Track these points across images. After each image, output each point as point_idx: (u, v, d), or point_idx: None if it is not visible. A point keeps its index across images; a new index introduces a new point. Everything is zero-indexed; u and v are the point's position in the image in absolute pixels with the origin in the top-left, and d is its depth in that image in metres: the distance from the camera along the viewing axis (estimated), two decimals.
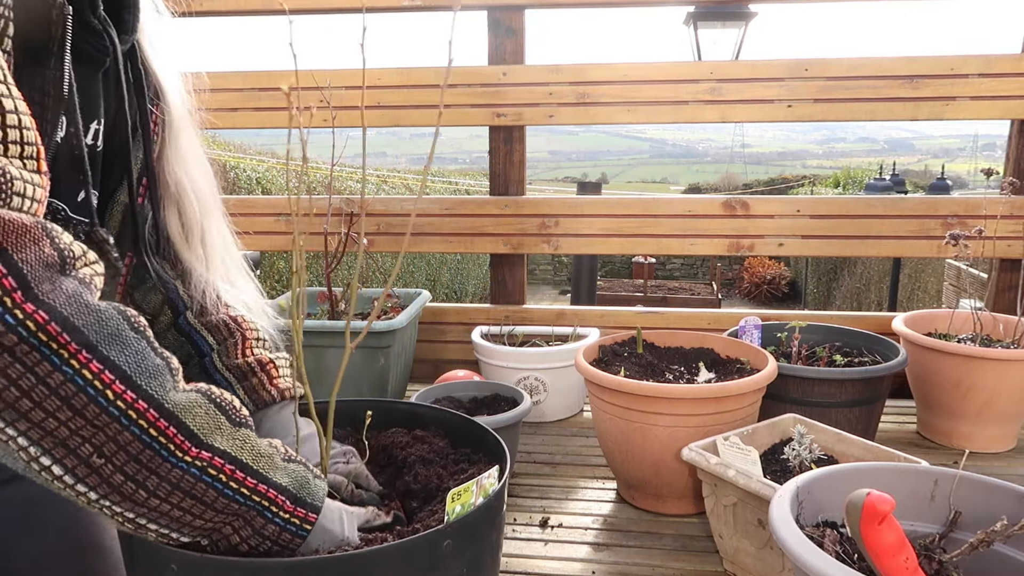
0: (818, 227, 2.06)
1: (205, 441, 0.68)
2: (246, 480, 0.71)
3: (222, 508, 0.70)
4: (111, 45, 0.84)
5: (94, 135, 0.85)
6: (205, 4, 2.12)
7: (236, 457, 0.71)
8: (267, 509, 0.73)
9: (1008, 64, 1.94)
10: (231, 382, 0.99)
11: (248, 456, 0.72)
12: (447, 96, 2.11)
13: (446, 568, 0.76)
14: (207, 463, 0.68)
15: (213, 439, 0.69)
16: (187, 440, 0.67)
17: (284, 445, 0.79)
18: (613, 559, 1.29)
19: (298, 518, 0.75)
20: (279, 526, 0.73)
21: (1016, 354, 1.61)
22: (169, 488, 0.66)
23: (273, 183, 8.10)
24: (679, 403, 1.35)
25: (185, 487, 0.67)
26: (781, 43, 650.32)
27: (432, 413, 1.10)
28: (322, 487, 0.78)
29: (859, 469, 0.96)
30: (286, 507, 0.74)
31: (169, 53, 0.98)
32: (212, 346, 1.01)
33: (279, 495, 0.73)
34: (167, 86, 0.96)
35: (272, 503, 0.73)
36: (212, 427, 0.70)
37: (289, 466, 0.76)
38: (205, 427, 0.69)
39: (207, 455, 0.68)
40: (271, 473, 0.73)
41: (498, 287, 2.26)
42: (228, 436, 0.71)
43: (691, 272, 14.22)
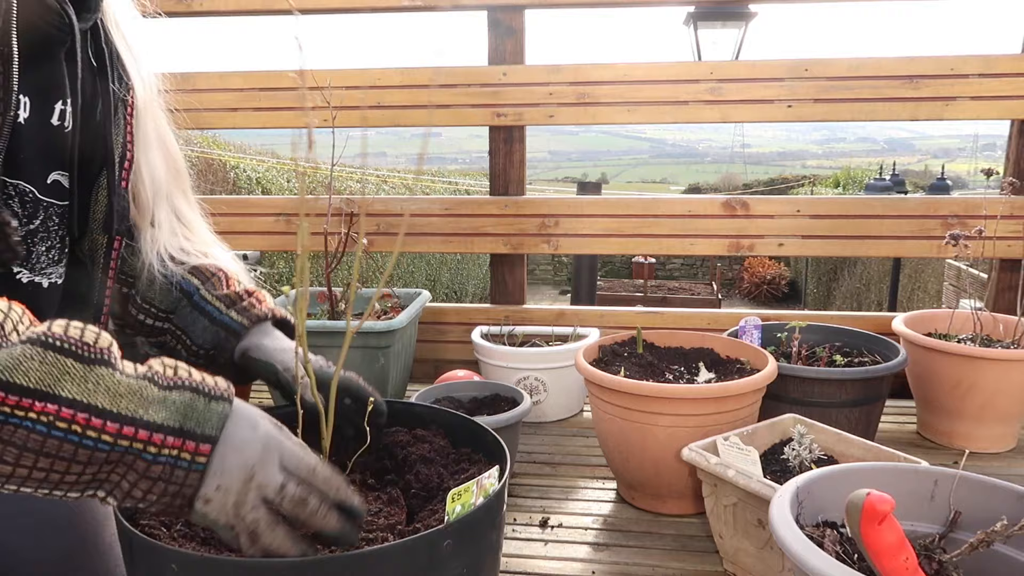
0: (818, 227, 2.06)
1: (50, 392, 0.63)
2: (106, 425, 0.65)
3: (87, 459, 0.64)
4: (69, 23, 0.84)
5: (60, 115, 0.84)
6: (205, 4, 2.11)
7: (88, 403, 0.65)
8: (143, 451, 0.66)
9: (1008, 64, 1.94)
10: (220, 308, 1.03)
11: (104, 399, 0.66)
12: (447, 96, 2.11)
13: (446, 568, 0.76)
14: (53, 416, 0.63)
15: (59, 388, 0.64)
16: (24, 397, 0.62)
17: (172, 369, 0.72)
18: (613, 559, 1.29)
19: (188, 452, 0.68)
20: (164, 464, 0.67)
21: (1016, 354, 1.61)
22: (16, 451, 0.62)
23: (273, 183, 8.10)
24: (679, 403, 1.35)
25: (33, 447, 0.63)
26: (781, 43, 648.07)
27: (432, 413, 1.10)
28: (216, 410, 0.70)
29: (859, 469, 0.96)
30: (167, 443, 0.67)
31: (135, 34, 0.98)
32: (197, 286, 1.06)
33: (154, 433, 0.67)
34: (131, 68, 0.97)
35: (148, 443, 0.66)
36: (55, 375, 0.64)
37: (170, 395, 0.69)
38: (46, 377, 0.64)
39: (52, 407, 0.63)
40: (138, 411, 0.67)
41: (498, 287, 2.26)
42: (78, 381, 0.65)
43: (691, 272, 14.22)
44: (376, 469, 0.99)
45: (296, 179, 7.98)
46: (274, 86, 2.15)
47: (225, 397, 0.72)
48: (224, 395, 0.72)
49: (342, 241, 1.95)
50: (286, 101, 2.17)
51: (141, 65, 0.98)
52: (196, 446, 0.68)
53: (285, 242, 2.25)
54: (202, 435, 0.69)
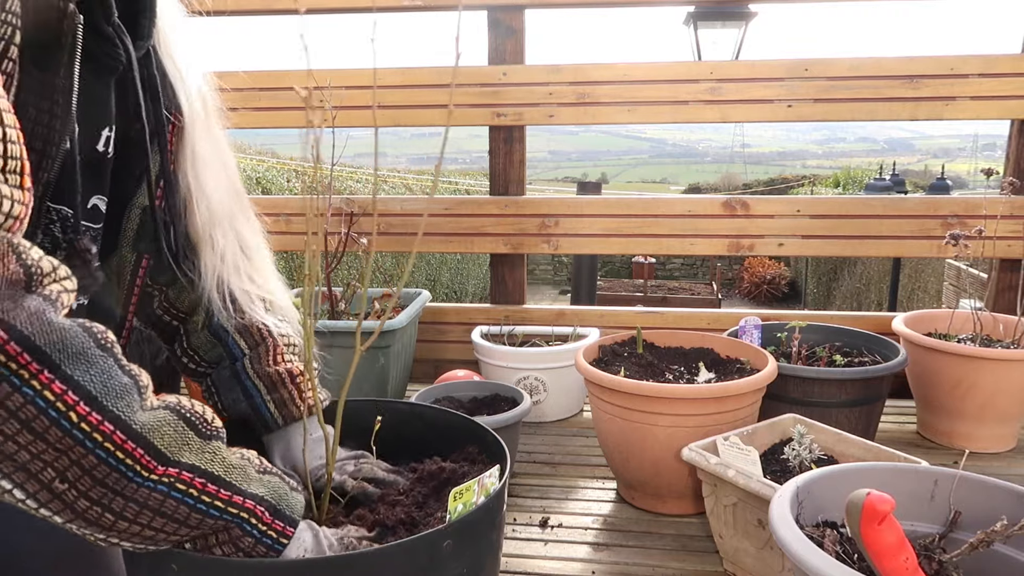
0: (818, 227, 2.06)
1: (172, 458, 0.67)
2: (219, 492, 0.69)
3: (196, 524, 0.69)
4: (125, 52, 0.83)
5: (105, 142, 0.84)
6: (205, 4, 2.11)
7: (206, 470, 0.69)
8: (246, 521, 0.71)
9: (1008, 64, 1.94)
10: (260, 391, 0.99)
11: (219, 468, 0.70)
12: (446, 96, 2.11)
13: (446, 568, 0.76)
14: (174, 479, 0.67)
15: (181, 455, 0.68)
16: (153, 459, 0.65)
17: (259, 457, 0.77)
18: (613, 559, 1.29)
19: (275, 531, 0.73)
20: (255, 539, 0.72)
21: (1016, 354, 1.61)
22: (137, 508, 0.65)
23: (273, 183, 8.10)
24: (679, 403, 1.35)
25: (153, 505, 0.66)
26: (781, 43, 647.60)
27: (432, 413, 1.10)
28: (299, 500, 0.77)
29: (859, 469, 0.96)
30: (264, 519, 0.73)
31: (187, 56, 0.97)
32: (244, 351, 1.01)
33: (257, 506, 0.72)
34: (183, 90, 0.95)
35: (251, 514, 0.72)
36: (180, 443, 0.68)
37: (264, 478, 0.75)
38: (173, 444, 0.67)
39: (174, 471, 0.67)
40: (245, 484, 0.72)
41: (498, 287, 2.26)
42: (197, 451, 0.69)
43: (691, 272, 14.21)
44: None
45: (298, 179, 7.98)
46: (275, 86, 2.15)
47: (301, 491, 0.79)
48: (300, 488, 0.79)
49: (342, 241, 1.96)
50: (287, 101, 2.17)
51: (189, 84, 0.96)
52: (283, 528, 0.74)
53: (285, 242, 2.25)
54: (288, 518, 0.75)
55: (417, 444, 1.06)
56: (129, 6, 0.86)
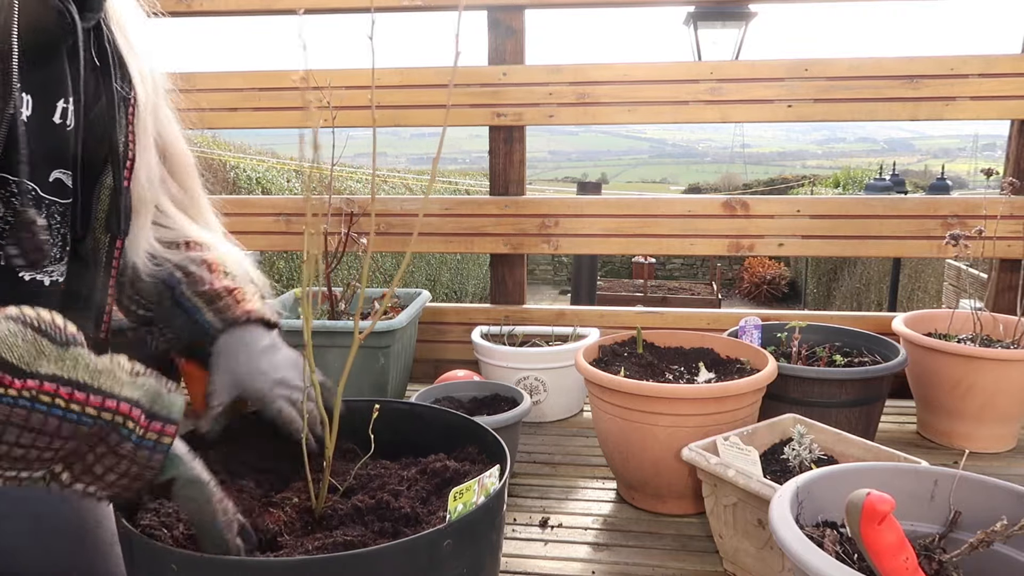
0: (818, 227, 2.06)
1: (29, 370, 0.65)
2: (89, 399, 0.67)
3: (70, 434, 0.66)
4: (72, 22, 0.84)
5: (62, 113, 0.84)
6: (206, 4, 2.12)
7: (69, 378, 0.66)
8: (121, 426, 0.69)
9: (1008, 64, 1.94)
10: (200, 307, 1.01)
11: (83, 374, 0.68)
12: (447, 96, 2.11)
13: (446, 568, 0.76)
14: (36, 391, 0.64)
15: (37, 366, 0.65)
16: (7, 374, 0.63)
17: (130, 361, 0.75)
18: (613, 559, 1.29)
19: (154, 432, 0.71)
20: (134, 444, 0.70)
21: (1016, 354, 1.61)
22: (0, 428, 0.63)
23: (273, 183, 8.10)
24: (679, 403, 1.35)
25: (18, 421, 0.64)
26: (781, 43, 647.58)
27: (432, 413, 1.10)
28: (177, 401, 0.74)
29: (859, 469, 0.96)
30: (140, 422, 0.70)
31: (138, 34, 0.98)
32: (180, 279, 1.04)
33: (133, 408, 0.70)
34: (134, 67, 0.96)
35: (127, 418, 0.69)
36: (34, 353, 0.66)
37: (138, 380, 0.72)
38: (26, 355, 0.65)
39: (34, 383, 0.64)
40: (116, 388, 0.69)
41: (498, 287, 2.26)
42: (55, 359, 0.67)
43: (691, 272, 14.21)
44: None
45: (297, 179, 7.98)
46: (274, 86, 2.15)
47: (180, 392, 0.76)
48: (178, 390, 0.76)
49: (342, 241, 1.96)
50: (286, 101, 2.17)
51: (144, 64, 0.97)
52: (163, 427, 0.72)
53: (285, 242, 2.25)
54: (167, 417, 0.72)
55: (417, 444, 1.06)
56: None
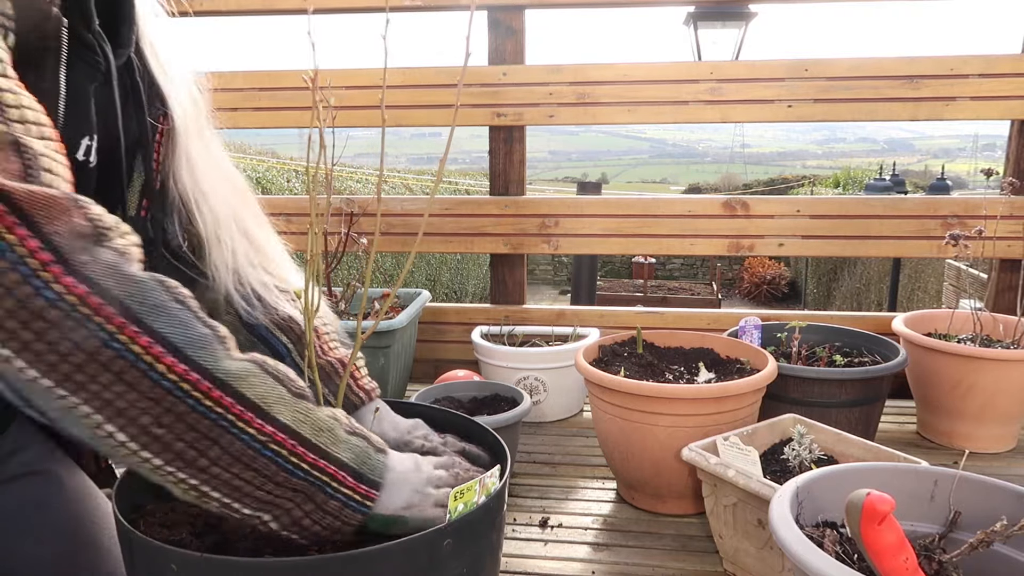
0: (818, 227, 2.06)
1: (269, 413, 0.68)
2: (307, 455, 0.70)
3: (282, 482, 0.69)
4: (105, 60, 0.83)
5: (85, 151, 0.84)
6: (206, 4, 2.12)
7: (297, 431, 0.70)
8: (327, 485, 0.72)
9: (1008, 64, 1.94)
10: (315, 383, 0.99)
11: (309, 430, 0.71)
12: (447, 96, 2.11)
13: (446, 568, 0.76)
14: (269, 437, 0.68)
15: (276, 411, 0.69)
16: (248, 411, 0.67)
17: (347, 417, 0.78)
18: (613, 559, 1.29)
19: (359, 494, 0.74)
20: (341, 502, 0.73)
21: (1016, 354, 1.61)
22: (230, 459, 0.66)
23: (273, 183, 8.10)
24: (679, 403, 1.35)
25: (246, 460, 0.67)
26: (781, 43, 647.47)
27: (432, 413, 1.10)
28: (381, 461, 0.77)
29: (859, 469, 0.96)
30: (347, 483, 0.73)
31: (174, 59, 0.96)
32: (288, 347, 1.00)
33: (339, 471, 0.73)
34: (171, 94, 0.94)
35: (332, 479, 0.72)
36: (273, 397, 0.69)
37: (352, 439, 0.75)
38: (266, 397, 0.69)
39: (270, 429, 0.68)
40: (332, 448, 0.73)
41: (498, 287, 2.26)
42: (290, 407, 0.70)
43: (691, 272, 14.21)
44: None
45: (297, 179, 7.98)
46: (275, 86, 2.15)
47: (385, 450, 0.79)
48: (384, 448, 0.79)
49: (342, 241, 1.96)
50: (287, 101, 2.17)
51: (179, 88, 0.95)
52: (367, 491, 0.75)
53: (285, 242, 2.25)
54: (371, 482, 0.75)
55: None
56: (110, 14, 0.85)
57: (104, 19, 0.83)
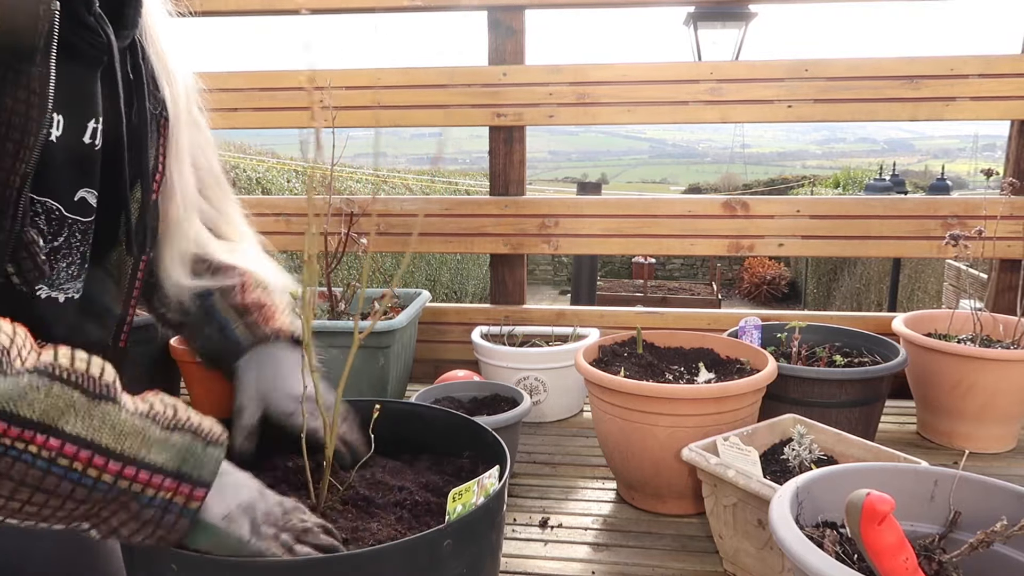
0: (818, 227, 2.06)
1: (53, 426, 0.62)
2: (107, 466, 0.64)
3: (83, 498, 0.64)
4: (108, 42, 0.83)
5: (92, 134, 0.84)
6: (206, 4, 2.11)
7: (92, 441, 0.64)
8: (139, 494, 0.66)
9: (1008, 64, 1.94)
10: (231, 319, 1.01)
11: (108, 437, 0.65)
12: (447, 96, 2.11)
13: (446, 568, 0.76)
14: (55, 452, 0.62)
15: (63, 422, 0.62)
16: (27, 429, 0.61)
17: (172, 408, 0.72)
18: (613, 559, 1.29)
19: (181, 496, 0.68)
20: (158, 507, 0.67)
21: (1016, 354, 1.61)
22: (13, 485, 0.61)
23: (273, 183, 8.10)
24: (679, 403, 1.35)
25: (31, 482, 0.61)
26: (781, 43, 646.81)
27: (432, 413, 1.10)
28: (213, 455, 0.71)
29: (859, 469, 0.96)
30: (165, 485, 0.67)
31: (170, 47, 0.96)
32: (212, 291, 1.03)
33: (154, 475, 0.66)
34: (165, 82, 0.95)
35: (146, 486, 0.66)
36: (59, 409, 0.63)
37: (171, 437, 0.69)
38: (50, 410, 0.62)
39: (55, 443, 0.62)
40: (141, 452, 0.66)
41: (498, 287, 2.26)
42: (83, 416, 0.64)
43: (691, 272, 14.21)
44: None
45: (297, 179, 7.98)
46: (274, 86, 2.15)
47: (220, 443, 0.73)
48: (219, 440, 0.73)
49: (342, 241, 1.96)
50: (287, 101, 2.17)
51: (175, 79, 0.96)
52: (191, 491, 0.69)
53: (285, 242, 2.25)
54: (198, 479, 0.69)
55: (417, 444, 1.06)
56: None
57: (107, 1, 0.83)
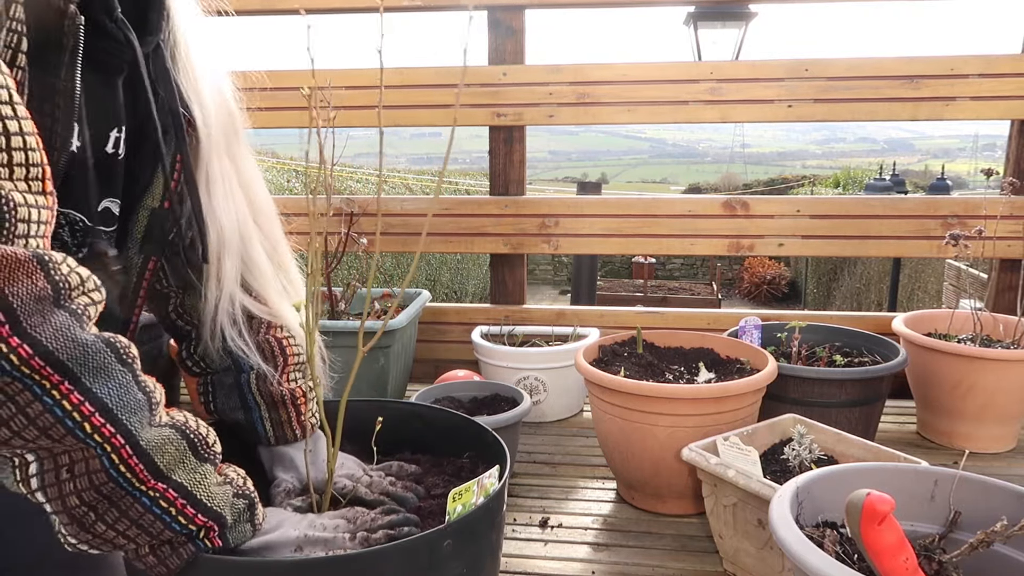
0: (818, 227, 2.06)
1: (166, 474, 0.70)
2: (196, 517, 0.72)
3: (166, 539, 0.71)
4: (130, 50, 0.82)
5: (115, 143, 0.83)
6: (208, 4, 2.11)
7: (190, 492, 0.71)
8: (196, 537, 0.73)
9: (1008, 64, 1.94)
10: (259, 407, 0.98)
11: (203, 494, 0.73)
12: (446, 96, 2.11)
13: (446, 568, 0.77)
14: (160, 494, 0.69)
15: (174, 472, 0.70)
16: (151, 475, 0.69)
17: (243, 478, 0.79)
18: (613, 559, 1.29)
19: (204, 528, 0.74)
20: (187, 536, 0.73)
21: (1016, 354, 1.61)
22: (117, 515, 0.68)
23: (273, 183, 8.09)
24: (679, 403, 1.35)
25: (133, 515, 0.68)
26: (781, 43, 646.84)
27: (432, 413, 1.10)
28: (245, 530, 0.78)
29: (859, 469, 0.96)
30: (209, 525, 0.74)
31: (206, 61, 0.94)
32: (252, 366, 0.99)
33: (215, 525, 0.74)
34: (196, 99, 0.92)
35: (205, 529, 0.74)
36: (177, 461, 0.71)
37: (237, 503, 0.77)
38: (171, 462, 0.70)
39: (162, 487, 0.69)
40: (224, 510, 0.75)
41: (498, 287, 2.26)
42: (190, 470, 0.72)
43: (691, 272, 14.20)
44: None
45: (297, 179, 7.97)
46: (275, 86, 2.14)
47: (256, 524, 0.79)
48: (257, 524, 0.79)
49: (342, 241, 1.96)
50: (286, 101, 2.16)
51: (205, 94, 0.93)
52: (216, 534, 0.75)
53: None
54: (223, 535, 0.75)
55: (417, 444, 1.06)
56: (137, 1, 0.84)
57: (130, 5, 0.82)
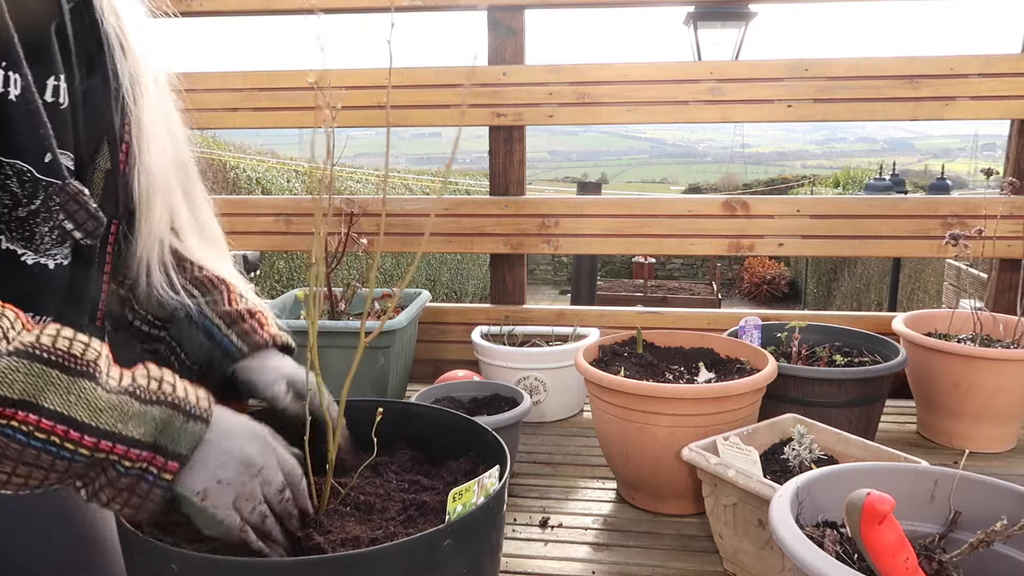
0: (818, 227, 2.06)
1: (33, 403, 0.65)
2: (83, 439, 0.67)
3: (64, 468, 0.67)
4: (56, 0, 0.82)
5: (53, 91, 0.82)
6: (206, 4, 2.12)
7: (68, 415, 0.67)
8: (116, 463, 0.69)
9: (1008, 64, 1.94)
10: (220, 327, 0.99)
11: (84, 413, 0.68)
12: (447, 96, 2.11)
13: (446, 568, 0.76)
14: (34, 427, 0.65)
15: (42, 399, 0.66)
16: (7, 407, 0.64)
17: (158, 380, 0.74)
18: (613, 559, 1.29)
19: (156, 467, 0.71)
20: (134, 476, 0.70)
21: (1016, 354, 1.61)
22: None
23: (273, 183, 8.10)
24: (679, 403, 1.35)
25: (12, 454, 0.65)
26: (781, 43, 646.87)
27: (432, 413, 1.10)
28: (192, 429, 0.73)
29: (859, 469, 0.96)
30: (142, 456, 0.70)
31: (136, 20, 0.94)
32: (197, 298, 1.01)
33: (130, 448, 0.69)
34: (134, 51, 0.93)
35: (123, 457, 0.69)
36: (38, 387, 0.66)
37: (150, 410, 0.71)
38: (29, 388, 0.65)
39: (33, 418, 0.65)
40: (117, 427, 0.69)
41: (498, 287, 2.26)
42: (61, 392, 0.67)
43: (691, 272, 14.21)
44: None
45: (298, 179, 7.98)
46: (275, 86, 2.15)
47: (204, 417, 0.75)
48: (203, 415, 0.75)
49: (342, 241, 1.96)
50: (286, 101, 2.17)
51: (143, 51, 0.94)
52: (165, 463, 0.71)
53: (285, 242, 2.25)
54: (173, 453, 0.71)
55: (417, 444, 1.06)
56: None
57: None
